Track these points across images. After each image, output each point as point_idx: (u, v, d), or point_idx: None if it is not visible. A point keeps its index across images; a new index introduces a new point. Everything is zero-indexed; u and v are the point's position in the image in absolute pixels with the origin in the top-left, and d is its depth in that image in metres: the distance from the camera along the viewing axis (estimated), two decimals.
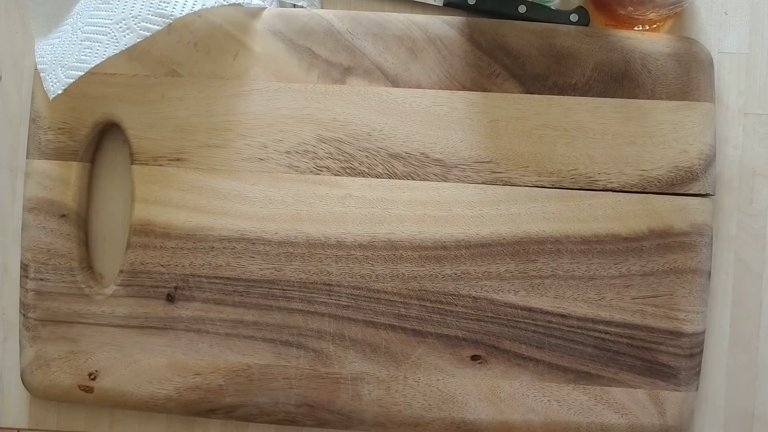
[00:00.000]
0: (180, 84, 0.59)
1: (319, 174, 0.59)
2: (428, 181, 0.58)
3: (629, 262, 0.58)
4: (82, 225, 0.60)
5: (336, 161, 0.59)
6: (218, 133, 0.59)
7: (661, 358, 0.57)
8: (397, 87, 0.59)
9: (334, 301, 0.58)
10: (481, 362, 0.58)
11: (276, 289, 0.58)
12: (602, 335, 0.58)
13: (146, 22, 0.55)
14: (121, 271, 0.59)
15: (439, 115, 0.58)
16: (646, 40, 0.59)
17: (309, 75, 0.59)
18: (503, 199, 0.58)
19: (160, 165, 0.59)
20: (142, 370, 0.59)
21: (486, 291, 0.58)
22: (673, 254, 0.57)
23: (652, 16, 0.58)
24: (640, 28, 0.60)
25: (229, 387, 0.58)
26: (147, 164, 0.59)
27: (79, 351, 0.59)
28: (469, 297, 0.58)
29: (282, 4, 0.62)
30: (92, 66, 0.55)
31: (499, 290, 0.58)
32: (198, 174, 0.59)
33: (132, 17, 0.55)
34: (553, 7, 0.60)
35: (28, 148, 0.60)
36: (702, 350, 0.58)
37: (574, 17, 0.60)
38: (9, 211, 0.62)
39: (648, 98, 0.58)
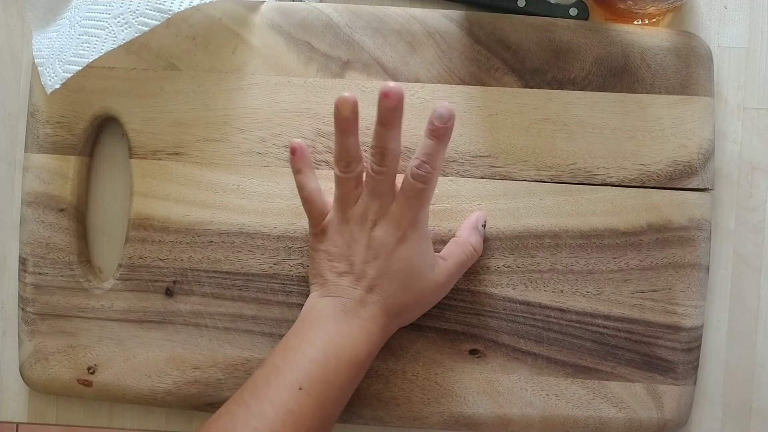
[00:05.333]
0: (178, 78, 0.59)
1: (317, 168, 0.58)
2: None
3: (628, 256, 0.58)
4: (80, 219, 0.60)
5: None
6: (217, 127, 0.59)
7: (659, 352, 0.58)
8: (396, 81, 0.59)
9: None
10: (479, 356, 0.58)
11: (275, 283, 0.59)
12: (600, 329, 0.58)
13: (144, 17, 0.55)
14: (120, 265, 0.59)
15: None
16: (646, 35, 0.58)
17: (308, 69, 0.59)
18: (502, 193, 0.58)
19: (159, 159, 0.59)
20: (141, 364, 0.59)
21: (484, 285, 0.58)
22: (672, 249, 0.58)
23: (651, 10, 0.58)
24: (640, 22, 0.60)
25: (228, 381, 0.58)
26: (145, 158, 0.59)
27: (78, 345, 0.59)
28: (468, 291, 0.58)
29: None
30: (90, 61, 0.55)
31: (497, 284, 0.58)
32: (196, 168, 0.59)
33: (130, 12, 0.55)
34: (552, 1, 0.60)
35: (26, 142, 0.60)
36: (700, 344, 0.58)
37: (573, 11, 0.60)
38: (8, 205, 0.62)
39: (647, 93, 0.58)
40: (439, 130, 0.51)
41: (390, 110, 0.51)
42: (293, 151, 0.54)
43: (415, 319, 0.56)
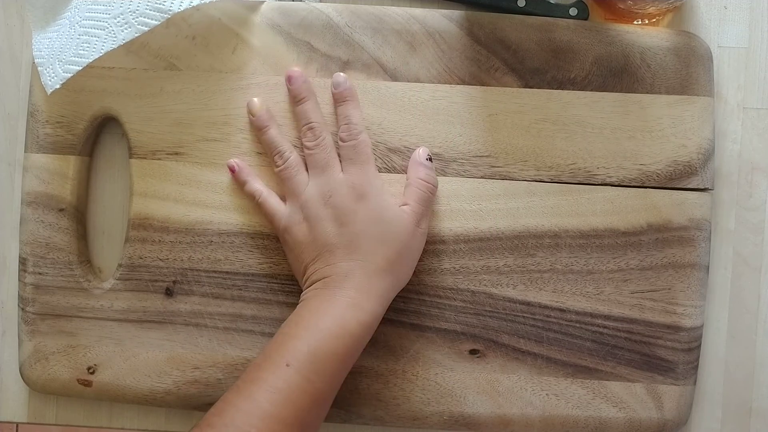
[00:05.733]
0: (178, 78, 0.59)
1: None
2: None
3: (628, 256, 0.58)
4: (80, 219, 0.60)
5: None
6: (217, 127, 0.59)
7: (659, 352, 0.58)
8: (395, 81, 0.59)
9: None
10: (479, 356, 0.58)
11: (275, 283, 0.58)
12: (600, 329, 0.58)
13: (144, 17, 0.55)
14: (120, 265, 0.59)
15: (437, 110, 0.58)
16: (646, 35, 0.58)
17: (308, 69, 0.59)
18: (502, 193, 0.58)
19: (159, 159, 0.59)
20: (141, 364, 0.59)
21: (484, 285, 0.58)
22: (672, 249, 0.58)
23: (651, 9, 0.58)
24: (640, 22, 0.60)
25: (227, 381, 0.58)
26: (145, 158, 0.59)
27: (78, 345, 0.59)
28: (468, 291, 0.58)
29: None
30: (90, 61, 0.55)
31: (497, 284, 0.58)
32: (196, 168, 0.59)
33: (130, 12, 0.55)
34: (552, 1, 0.60)
35: (26, 141, 0.60)
36: (700, 344, 0.58)
37: (573, 11, 0.60)
38: (8, 205, 0.62)
39: (647, 92, 0.58)
40: (343, 94, 0.57)
41: (299, 87, 0.57)
42: (233, 170, 0.58)
43: (410, 275, 0.55)
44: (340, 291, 0.52)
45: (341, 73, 0.57)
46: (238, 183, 0.58)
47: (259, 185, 0.57)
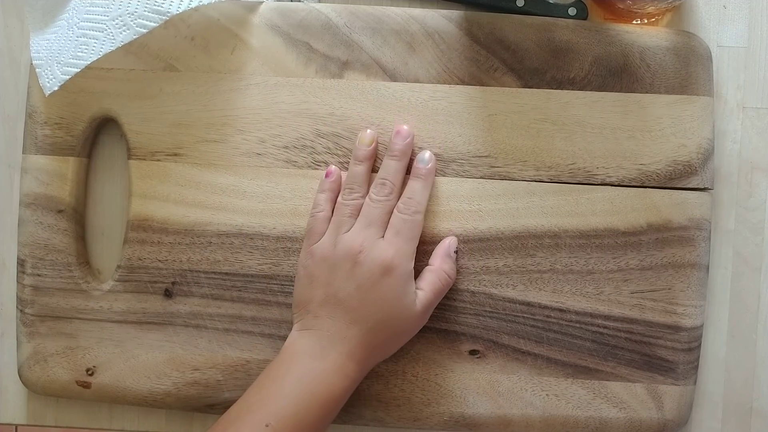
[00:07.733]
0: (177, 79, 0.59)
1: (317, 169, 0.58)
2: None
3: (627, 256, 0.58)
4: (79, 220, 0.60)
5: (334, 156, 0.59)
6: (216, 128, 0.59)
7: (659, 352, 0.57)
8: (395, 81, 0.58)
9: None
10: (479, 357, 0.58)
11: (274, 284, 0.58)
12: (600, 329, 0.58)
13: (143, 19, 0.55)
14: (119, 267, 0.59)
15: (437, 110, 0.58)
16: (645, 34, 0.58)
17: (307, 69, 0.59)
18: (501, 193, 0.58)
19: (158, 160, 0.59)
20: (141, 365, 0.59)
21: (484, 285, 0.58)
22: (672, 248, 0.57)
23: (650, 9, 0.58)
24: (639, 22, 0.60)
25: (227, 382, 0.58)
26: (144, 159, 0.59)
27: (77, 346, 0.59)
28: (468, 291, 0.58)
29: None
30: (88, 63, 0.55)
31: (497, 285, 0.58)
32: (195, 169, 0.59)
33: (128, 14, 0.55)
34: (551, 1, 0.60)
35: (24, 143, 0.60)
36: (700, 344, 0.58)
37: (572, 11, 0.60)
38: (6, 207, 0.62)
39: (646, 92, 0.58)
40: (422, 171, 0.56)
41: (400, 146, 0.56)
42: (329, 174, 0.57)
43: (391, 353, 0.56)
44: (334, 354, 0.53)
45: (429, 152, 0.57)
46: (321, 187, 0.57)
47: (329, 205, 0.56)
